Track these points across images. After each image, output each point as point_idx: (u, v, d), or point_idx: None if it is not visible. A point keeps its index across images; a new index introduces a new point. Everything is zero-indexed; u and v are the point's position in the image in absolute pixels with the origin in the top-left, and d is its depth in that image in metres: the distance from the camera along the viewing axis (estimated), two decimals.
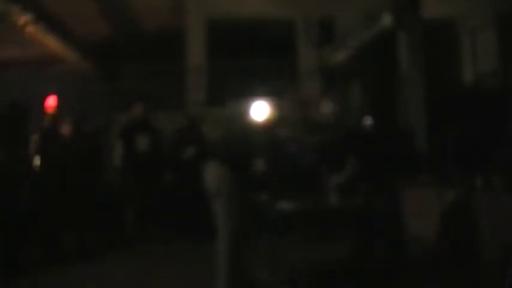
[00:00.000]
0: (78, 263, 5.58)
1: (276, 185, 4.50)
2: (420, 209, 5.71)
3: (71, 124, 6.52)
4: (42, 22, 8.46)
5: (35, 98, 6.83)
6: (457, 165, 6.04)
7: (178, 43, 9.37)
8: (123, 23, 10.19)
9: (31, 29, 8.36)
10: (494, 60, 8.44)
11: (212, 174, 4.03)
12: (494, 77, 8.14)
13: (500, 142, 5.73)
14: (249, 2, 9.26)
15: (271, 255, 4.60)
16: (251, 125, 4.37)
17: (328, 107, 4.96)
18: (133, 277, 4.96)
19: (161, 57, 10.53)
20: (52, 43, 9.52)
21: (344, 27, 9.14)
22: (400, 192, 5.21)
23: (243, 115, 4.44)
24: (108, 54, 11.17)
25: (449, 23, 9.41)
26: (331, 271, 4.85)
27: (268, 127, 4.46)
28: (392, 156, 5.18)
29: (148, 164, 6.75)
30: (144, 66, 11.28)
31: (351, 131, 5.54)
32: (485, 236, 4.74)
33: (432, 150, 7.14)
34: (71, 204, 6.07)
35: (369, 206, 4.58)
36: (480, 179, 5.14)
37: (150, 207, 6.82)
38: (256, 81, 6.73)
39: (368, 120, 6.10)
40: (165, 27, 10.14)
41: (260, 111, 4.40)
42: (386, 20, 7.81)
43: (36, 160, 6.02)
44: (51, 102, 6.43)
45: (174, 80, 9.97)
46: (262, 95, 4.67)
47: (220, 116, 6.94)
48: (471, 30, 8.91)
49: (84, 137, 6.71)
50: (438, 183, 5.84)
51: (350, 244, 4.89)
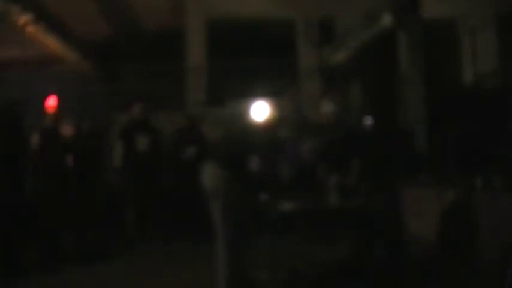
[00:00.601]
0: (78, 263, 5.58)
1: (275, 185, 4.50)
2: (420, 209, 5.71)
3: (72, 124, 6.52)
4: (42, 22, 8.46)
5: (35, 98, 6.83)
6: (457, 165, 6.04)
7: (178, 43, 9.37)
8: (123, 23, 10.19)
9: (31, 29, 8.36)
10: (494, 60, 8.44)
11: (210, 175, 4.02)
12: (494, 77, 8.14)
13: (500, 142, 5.73)
14: (249, 2, 9.26)
15: (271, 255, 4.60)
16: (251, 125, 4.37)
17: (328, 107, 4.96)
18: (133, 277, 4.96)
19: (161, 57, 10.52)
20: (52, 43, 9.52)
21: (344, 27, 9.14)
22: (400, 192, 5.21)
23: (243, 115, 4.44)
24: (108, 54, 11.17)
25: (449, 23, 9.41)
26: (331, 271, 4.85)
27: (268, 127, 4.46)
28: (392, 156, 5.18)
29: (148, 164, 6.75)
30: (144, 66, 11.27)
31: (351, 131, 5.55)
32: (485, 236, 4.75)
33: (432, 150, 7.14)
34: (71, 204, 6.07)
35: (369, 206, 4.58)
36: (480, 179, 5.15)
37: (150, 207, 6.82)
38: (256, 81, 6.74)
39: (368, 120, 6.11)
40: (165, 27, 10.14)
41: (260, 111, 4.40)
42: (387, 20, 7.81)
43: (37, 159, 6.02)
44: (51, 102, 6.43)
45: (174, 80, 9.97)
46: (262, 95, 4.67)
47: (220, 116, 6.95)
48: (471, 30, 8.91)
49: (85, 137, 6.72)
50: (438, 183, 5.84)
51: (350, 244, 4.89)
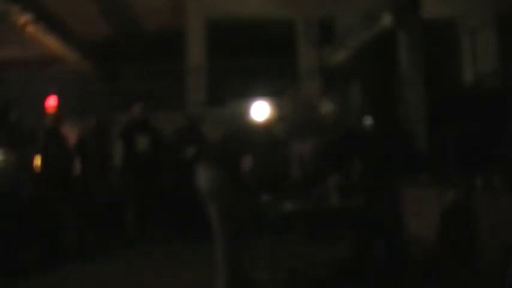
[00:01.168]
0: (78, 262, 5.58)
1: (276, 185, 4.50)
2: (420, 209, 5.71)
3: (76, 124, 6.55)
4: (42, 22, 8.47)
5: (35, 98, 6.84)
6: (457, 165, 6.04)
7: (178, 43, 9.37)
8: (123, 23, 10.19)
9: (31, 29, 8.37)
10: (494, 60, 8.44)
11: (206, 177, 3.95)
12: (494, 77, 8.14)
13: (500, 142, 5.73)
14: (249, 2, 9.27)
15: (271, 255, 4.60)
16: (251, 125, 4.37)
17: (328, 107, 4.96)
18: (133, 277, 4.96)
19: (161, 57, 10.53)
20: (52, 43, 9.53)
21: (344, 27, 9.14)
22: (400, 192, 5.21)
23: (243, 115, 4.44)
24: (108, 54, 11.18)
25: (449, 23, 9.41)
26: (331, 271, 4.85)
27: (268, 127, 4.46)
28: (393, 156, 5.17)
29: (148, 164, 6.75)
30: (144, 66, 11.28)
31: (351, 131, 5.54)
32: (485, 236, 4.75)
33: (432, 150, 7.15)
34: (72, 204, 6.08)
35: (369, 206, 4.58)
36: (480, 179, 5.14)
37: (150, 207, 6.82)
38: (256, 81, 6.75)
39: (368, 120, 6.10)
40: (165, 27, 10.14)
41: (260, 111, 4.40)
42: (387, 20, 7.81)
43: (38, 160, 6.03)
44: (51, 102, 6.43)
45: (174, 80, 9.97)
46: (262, 95, 4.68)
47: (220, 116, 6.95)
48: (471, 30, 8.91)
49: (89, 137, 6.75)
50: (438, 183, 5.84)
51: (350, 244, 4.89)
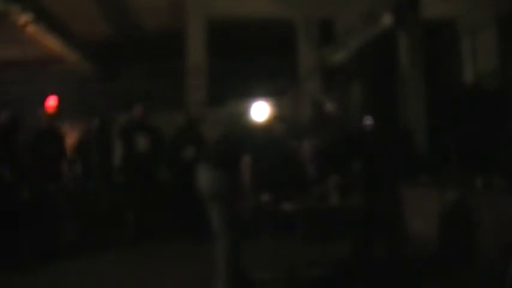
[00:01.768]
0: (79, 262, 5.58)
1: (276, 185, 4.50)
2: (420, 209, 5.71)
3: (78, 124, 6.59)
4: (42, 22, 8.46)
5: (35, 98, 6.85)
6: (457, 165, 6.05)
7: (178, 43, 9.37)
8: (123, 23, 10.19)
9: (31, 29, 8.36)
10: (494, 60, 8.44)
11: (207, 178, 3.93)
12: (494, 77, 8.14)
13: (501, 142, 5.74)
14: (249, 2, 9.26)
15: (271, 255, 4.61)
16: (251, 125, 4.37)
17: (328, 107, 4.96)
18: (133, 277, 4.96)
19: (161, 57, 10.54)
20: (52, 43, 9.52)
21: (344, 27, 9.14)
22: (400, 192, 5.21)
23: (243, 115, 4.44)
24: (108, 54, 11.18)
25: (449, 23, 9.41)
26: (331, 271, 4.86)
27: (268, 127, 4.46)
28: (393, 156, 5.18)
29: (148, 163, 6.75)
30: (144, 66, 11.30)
31: (351, 131, 5.55)
32: (485, 236, 4.75)
33: (432, 150, 7.15)
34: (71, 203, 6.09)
35: (369, 206, 4.59)
36: (480, 179, 5.15)
37: (150, 207, 6.82)
38: (256, 81, 6.74)
39: (368, 120, 6.09)
40: (165, 27, 10.14)
41: (260, 111, 4.40)
42: (387, 20, 7.81)
43: (33, 160, 6.05)
44: (51, 102, 6.44)
45: (174, 80, 9.98)
46: (262, 95, 4.68)
47: (220, 116, 6.95)
48: (471, 30, 8.91)
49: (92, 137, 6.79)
50: (438, 183, 5.84)
51: (350, 244, 4.90)
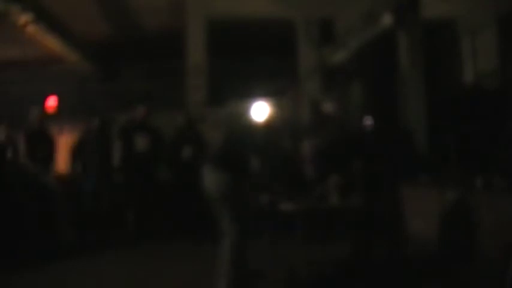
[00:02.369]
0: (79, 262, 5.58)
1: (276, 185, 4.50)
2: (420, 209, 5.71)
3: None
4: (42, 22, 8.46)
5: (35, 98, 6.85)
6: (457, 165, 6.05)
7: (178, 43, 9.36)
8: (123, 23, 10.19)
9: (31, 29, 8.36)
10: (494, 60, 8.44)
11: (213, 179, 3.93)
12: (494, 77, 8.14)
13: (501, 142, 5.74)
14: (249, 2, 9.26)
15: (271, 255, 4.61)
16: (251, 125, 4.37)
17: (328, 107, 4.96)
18: (133, 276, 4.96)
19: (161, 57, 10.54)
20: (52, 43, 9.52)
21: (344, 27, 9.14)
22: (400, 192, 5.21)
23: (243, 115, 4.43)
24: (108, 54, 11.18)
25: (449, 23, 9.41)
26: (331, 271, 4.86)
27: (269, 127, 4.46)
28: (393, 156, 5.18)
29: (148, 163, 6.76)
30: (144, 66, 11.30)
31: (351, 131, 5.54)
32: (485, 236, 4.75)
33: (432, 150, 7.15)
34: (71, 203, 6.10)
35: (369, 206, 4.59)
36: (480, 179, 5.15)
37: (150, 207, 6.82)
38: (256, 81, 6.72)
39: (368, 120, 6.10)
40: (165, 27, 10.14)
41: (260, 112, 4.40)
42: (387, 20, 7.81)
43: (27, 160, 6.07)
44: (51, 102, 6.45)
45: (174, 80, 9.97)
46: (262, 95, 4.67)
47: (220, 116, 6.94)
48: (471, 30, 8.91)
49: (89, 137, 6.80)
50: (438, 183, 5.84)
51: (350, 244, 4.90)
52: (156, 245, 6.34)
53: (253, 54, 10.40)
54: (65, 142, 7.32)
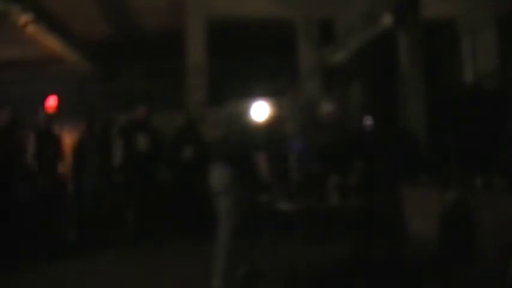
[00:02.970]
0: (79, 262, 5.59)
1: (276, 185, 4.50)
2: (420, 209, 5.71)
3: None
4: (42, 22, 8.46)
5: (35, 98, 6.85)
6: (457, 165, 6.04)
7: (178, 43, 9.36)
8: (123, 23, 10.18)
9: (31, 29, 8.36)
10: (494, 60, 8.44)
11: (218, 175, 4.14)
12: (494, 77, 8.14)
13: (500, 142, 5.73)
14: (249, 2, 9.26)
15: (271, 255, 4.60)
16: (251, 125, 4.37)
17: (328, 107, 4.96)
18: (133, 277, 4.96)
19: (161, 57, 10.54)
20: (52, 43, 9.52)
21: (344, 27, 9.14)
22: (400, 192, 5.21)
23: (243, 115, 4.44)
24: (108, 54, 11.18)
25: (449, 23, 9.41)
26: (331, 271, 4.86)
27: (269, 127, 4.46)
28: (393, 156, 5.18)
29: (148, 163, 6.75)
30: (144, 66, 11.29)
31: (351, 131, 5.54)
32: (485, 236, 4.75)
33: (432, 150, 7.14)
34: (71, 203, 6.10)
35: (369, 206, 4.58)
36: (480, 179, 5.15)
37: (150, 207, 6.82)
38: (256, 81, 6.72)
39: (368, 120, 6.09)
40: (165, 27, 10.14)
41: (260, 111, 4.40)
42: (387, 20, 7.81)
43: (31, 160, 6.07)
44: (51, 102, 6.45)
45: (174, 80, 9.97)
46: (262, 95, 4.68)
47: (220, 116, 6.95)
48: (471, 30, 8.91)
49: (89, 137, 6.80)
50: (438, 183, 5.84)
51: (350, 244, 4.90)
52: (156, 245, 6.34)
53: (253, 54, 10.39)
54: (65, 142, 7.31)
